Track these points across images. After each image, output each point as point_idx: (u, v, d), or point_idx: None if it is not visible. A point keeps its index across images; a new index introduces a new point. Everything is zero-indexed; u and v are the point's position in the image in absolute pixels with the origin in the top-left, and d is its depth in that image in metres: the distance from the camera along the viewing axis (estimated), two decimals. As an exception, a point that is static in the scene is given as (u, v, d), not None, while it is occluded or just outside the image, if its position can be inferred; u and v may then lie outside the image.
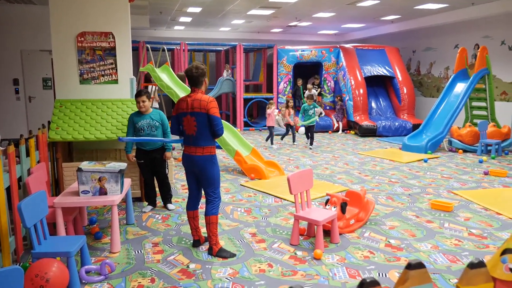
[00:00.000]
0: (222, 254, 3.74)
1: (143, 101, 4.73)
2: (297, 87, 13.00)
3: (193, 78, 3.67)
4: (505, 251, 1.39)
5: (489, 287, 1.33)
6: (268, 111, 10.06)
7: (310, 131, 9.43)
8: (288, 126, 10.02)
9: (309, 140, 9.61)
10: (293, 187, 3.91)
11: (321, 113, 9.60)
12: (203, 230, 4.22)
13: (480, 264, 1.29)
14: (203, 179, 3.71)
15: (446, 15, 11.70)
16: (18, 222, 3.58)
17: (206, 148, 3.63)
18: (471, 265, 1.30)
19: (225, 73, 13.18)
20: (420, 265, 1.24)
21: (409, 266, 1.23)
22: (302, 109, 9.05)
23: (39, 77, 9.95)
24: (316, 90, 12.58)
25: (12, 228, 3.64)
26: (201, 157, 3.63)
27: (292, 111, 10.05)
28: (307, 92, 12.49)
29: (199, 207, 3.96)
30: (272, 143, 9.79)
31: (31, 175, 3.84)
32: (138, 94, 4.74)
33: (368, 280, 1.15)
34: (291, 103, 10.12)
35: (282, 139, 10.38)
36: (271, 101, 10.52)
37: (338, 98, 12.48)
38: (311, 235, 4.22)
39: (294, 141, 10.18)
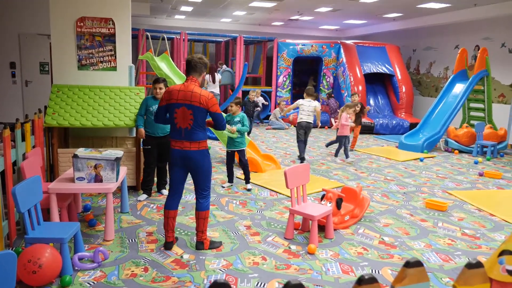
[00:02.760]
0: (214, 245, 3.74)
1: (160, 88, 4.97)
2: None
3: (195, 65, 3.49)
4: (502, 252, 1.39)
5: (485, 287, 1.33)
6: (344, 116, 7.60)
7: (240, 161, 5.78)
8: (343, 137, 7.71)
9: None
10: (289, 181, 3.90)
11: (239, 132, 5.57)
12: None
13: (478, 265, 1.29)
14: (199, 175, 3.55)
15: (448, 15, 11.67)
16: (12, 207, 3.56)
17: (202, 142, 3.51)
18: (469, 265, 1.29)
19: (220, 70, 12.20)
20: (418, 264, 1.23)
21: (407, 264, 1.23)
22: (225, 118, 5.43)
23: (36, 62, 9.84)
24: (359, 110, 8.54)
25: (6, 212, 3.62)
26: (198, 152, 3.49)
27: (351, 117, 7.79)
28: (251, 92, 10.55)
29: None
30: (336, 155, 7.78)
31: (26, 160, 3.81)
32: (156, 81, 5.00)
33: (366, 277, 1.14)
34: (358, 107, 8.13)
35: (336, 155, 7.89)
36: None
37: (332, 96, 12.68)
38: (305, 229, 4.23)
39: (347, 156, 7.72)
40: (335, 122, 8.07)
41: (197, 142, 3.48)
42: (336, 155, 7.82)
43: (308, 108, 7.28)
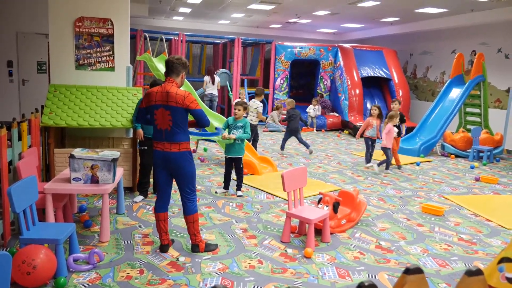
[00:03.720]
0: (210, 248, 3.72)
1: None
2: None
3: (173, 66, 3.43)
4: (502, 260, 1.38)
5: (485, 295, 1.33)
6: (389, 127, 6.96)
7: (236, 168, 5.56)
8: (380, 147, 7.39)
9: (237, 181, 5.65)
10: (287, 184, 3.89)
11: (238, 139, 5.38)
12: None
13: (478, 272, 1.28)
14: (181, 177, 3.49)
15: (445, 20, 11.72)
16: (7, 207, 3.53)
17: (183, 144, 3.43)
18: (469, 273, 1.29)
19: (208, 78, 11.35)
20: (418, 270, 1.23)
21: (407, 271, 1.22)
22: (226, 123, 5.55)
23: (33, 61, 9.80)
24: (398, 126, 7.68)
25: (0, 212, 3.59)
26: (179, 154, 3.42)
27: (375, 122, 7.28)
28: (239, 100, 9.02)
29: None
30: (387, 168, 7.22)
31: (22, 160, 3.78)
32: (155, 84, 4.86)
33: (366, 284, 1.13)
34: (375, 111, 7.33)
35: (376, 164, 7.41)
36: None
37: (320, 95, 13.08)
38: (302, 233, 4.22)
39: (387, 168, 7.40)
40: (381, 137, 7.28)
41: (177, 144, 3.42)
42: (387, 167, 7.21)
43: (251, 108, 7.74)
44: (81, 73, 5.49)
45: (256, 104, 7.78)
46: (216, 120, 7.61)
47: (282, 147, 8.62)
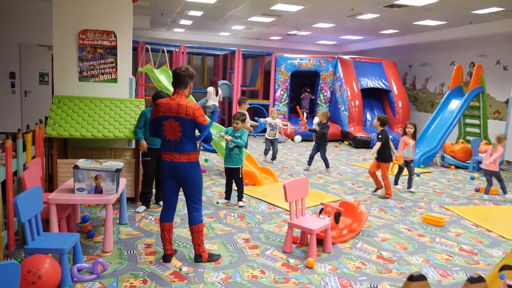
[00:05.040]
0: (213, 258, 3.74)
1: None
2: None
3: (179, 78, 3.47)
4: (503, 267, 1.41)
5: (487, 302, 1.35)
6: (501, 149, 6.38)
7: (235, 178, 5.59)
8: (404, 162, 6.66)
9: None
10: (289, 194, 3.92)
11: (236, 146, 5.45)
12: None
13: (480, 279, 1.32)
14: (188, 186, 3.53)
15: (444, 32, 11.86)
16: (11, 217, 3.55)
17: (192, 154, 3.49)
18: (471, 280, 1.32)
19: (213, 90, 11.33)
20: (421, 278, 1.26)
21: (411, 278, 1.25)
22: (225, 131, 5.72)
23: (36, 72, 9.89)
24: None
25: (5, 222, 3.61)
26: (187, 164, 3.47)
27: (411, 141, 6.59)
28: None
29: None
30: (505, 191, 6.61)
31: (26, 170, 3.82)
32: (159, 95, 4.85)
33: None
34: (410, 129, 6.58)
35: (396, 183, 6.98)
36: (501, 135, 6.51)
37: (307, 90, 13.07)
38: (303, 243, 4.24)
39: (504, 191, 6.67)
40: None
41: (186, 154, 3.47)
42: (505, 191, 6.56)
43: None
44: (84, 85, 5.56)
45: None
46: (216, 130, 7.65)
47: (310, 163, 8.17)
